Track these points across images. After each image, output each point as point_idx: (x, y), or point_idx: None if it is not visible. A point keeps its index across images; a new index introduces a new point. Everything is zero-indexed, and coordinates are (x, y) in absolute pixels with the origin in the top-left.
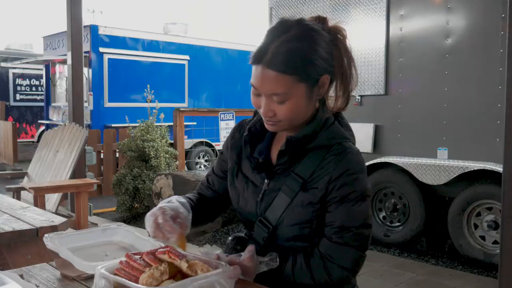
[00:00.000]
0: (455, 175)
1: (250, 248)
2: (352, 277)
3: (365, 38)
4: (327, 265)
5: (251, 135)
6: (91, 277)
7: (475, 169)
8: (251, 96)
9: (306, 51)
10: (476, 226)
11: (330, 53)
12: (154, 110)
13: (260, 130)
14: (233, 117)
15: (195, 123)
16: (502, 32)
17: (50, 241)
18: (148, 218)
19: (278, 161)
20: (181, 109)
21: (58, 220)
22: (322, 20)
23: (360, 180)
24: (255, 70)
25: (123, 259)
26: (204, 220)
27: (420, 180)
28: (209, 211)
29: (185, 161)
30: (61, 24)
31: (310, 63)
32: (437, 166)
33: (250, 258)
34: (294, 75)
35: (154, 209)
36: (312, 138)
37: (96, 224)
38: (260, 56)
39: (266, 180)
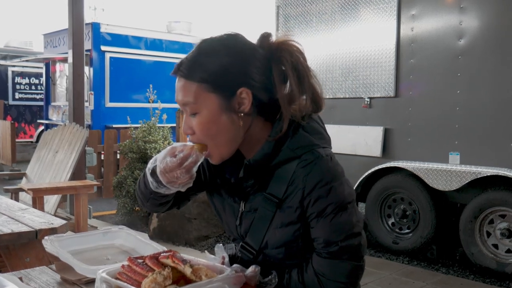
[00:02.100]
0: (467, 181)
1: (256, 268)
2: None
3: (375, 39)
4: (321, 281)
5: None
6: (92, 281)
7: (488, 174)
8: None
9: (219, 60)
10: (488, 234)
11: (261, 68)
12: (156, 111)
13: None
14: None
15: None
16: None
17: (50, 243)
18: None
19: (245, 183)
20: None
21: (58, 222)
22: (263, 36)
23: (335, 190)
24: (176, 82)
25: (125, 263)
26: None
27: (430, 185)
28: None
29: None
30: (62, 22)
31: (222, 73)
32: (448, 171)
33: (254, 276)
34: (202, 83)
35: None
36: (275, 154)
37: (95, 227)
38: (177, 66)
39: (241, 202)
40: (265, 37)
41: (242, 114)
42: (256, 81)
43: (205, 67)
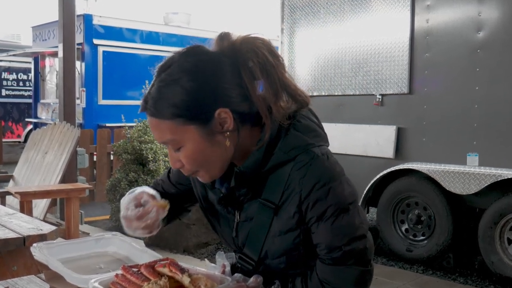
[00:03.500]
0: (486, 184)
1: (258, 278)
2: None
3: (387, 31)
4: None
5: None
6: None
7: (509, 177)
8: None
9: (183, 89)
10: (510, 241)
11: (231, 80)
12: None
13: None
14: None
15: None
16: None
17: (38, 251)
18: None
19: (237, 192)
20: None
21: (47, 228)
22: (222, 37)
23: (334, 191)
24: (147, 119)
25: (119, 272)
26: (177, 211)
27: (447, 189)
28: (178, 202)
29: None
30: (52, 13)
31: (191, 101)
32: (466, 173)
33: (256, 286)
34: (175, 119)
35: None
36: (267, 159)
37: (87, 234)
38: (144, 103)
39: (236, 212)
40: (224, 38)
41: (227, 133)
42: (231, 96)
43: (171, 100)
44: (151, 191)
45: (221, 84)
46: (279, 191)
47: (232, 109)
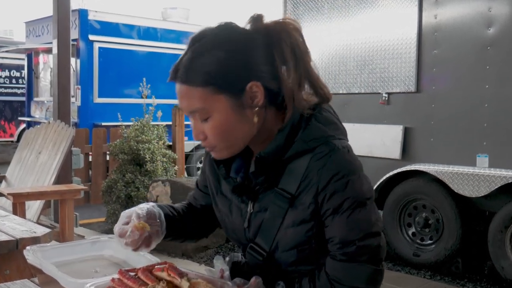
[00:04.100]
0: (496, 186)
1: (257, 279)
2: None
3: (394, 27)
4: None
5: None
6: None
7: None
8: None
9: (217, 59)
10: None
11: (264, 56)
12: (150, 107)
13: None
14: None
15: None
16: None
17: (32, 254)
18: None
19: (255, 180)
20: None
21: (41, 230)
22: (255, 19)
23: (352, 184)
24: (176, 88)
25: (115, 276)
26: (191, 233)
27: (456, 191)
28: (199, 224)
29: (185, 166)
30: (46, 8)
31: (224, 71)
32: (476, 175)
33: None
34: (207, 86)
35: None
36: (288, 146)
37: (82, 237)
38: (174, 72)
39: (250, 202)
40: (257, 19)
41: (256, 109)
42: (263, 71)
43: (204, 68)
44: (142, 212)
45: (254, 58)
46: (296, 181)
47: (264, 84)
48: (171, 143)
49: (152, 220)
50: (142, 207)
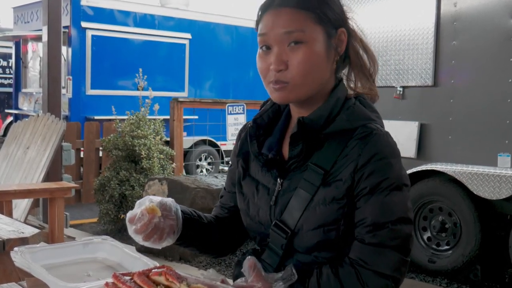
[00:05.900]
0: None
1: (250, 262)
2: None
3: (410, 16)
4: (360, 273)
5: (257, 128)
6: None
7: None
8: (258, 60)
9: None
10: None
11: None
12: (147, 100)
13: (268, 122)
14: (243, 110)
15: (196, 117)
16: None
17: (20, 256)
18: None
19: (291, 152)
20: (180, 100)
21: (29, 231)
22: None
23: (392, 166)
24: (264, 20)
25: (109, 280)
26: (216, 244)
27: (475, 193)
28: (227, 235)
29: (184, 164)
30: None
31: (328, 5)
32: (497, 176)
33: (258, 277)
34: (311, 12)
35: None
36: (330, 121)
37: (73, 238)
38: (270, 2)
39: (279, 180)
40: None
41: (337, 58)
42: (351, 26)
43: None
44: (156, 199)
45: (345, 10)
46: (333, 158)
47: (348, 38)
48: (168, 139)
49: (166, 212)
50: (157, 197)
